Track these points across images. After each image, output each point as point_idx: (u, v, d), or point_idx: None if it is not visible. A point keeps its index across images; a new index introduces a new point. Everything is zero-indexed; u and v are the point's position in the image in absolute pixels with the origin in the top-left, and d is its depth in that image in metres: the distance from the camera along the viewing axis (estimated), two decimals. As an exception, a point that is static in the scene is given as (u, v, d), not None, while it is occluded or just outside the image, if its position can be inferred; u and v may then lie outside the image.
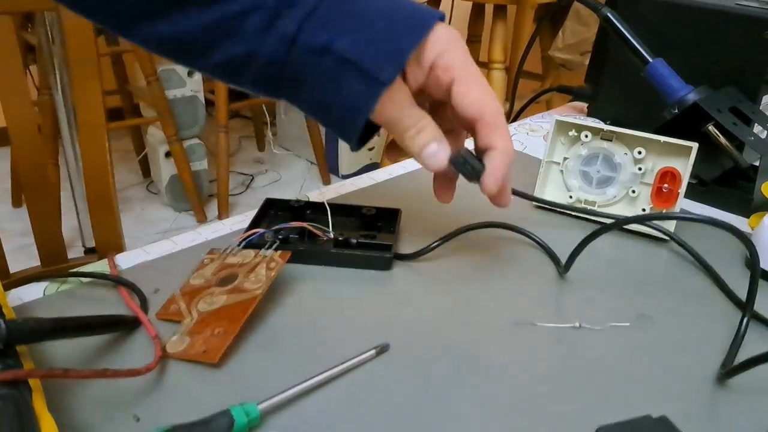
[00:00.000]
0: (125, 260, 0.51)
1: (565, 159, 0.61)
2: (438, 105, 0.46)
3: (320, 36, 0.38)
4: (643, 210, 0.58)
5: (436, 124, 0.43)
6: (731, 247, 0.55)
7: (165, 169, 2.19)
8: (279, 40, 0.39)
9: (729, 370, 0.40)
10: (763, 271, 0.52)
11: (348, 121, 0.41)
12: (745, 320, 0.45)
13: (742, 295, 0.47)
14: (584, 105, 0.87)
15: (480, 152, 0.44)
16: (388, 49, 0.39)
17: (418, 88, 0.43)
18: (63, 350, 0.41)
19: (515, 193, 0.58)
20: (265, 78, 0.41)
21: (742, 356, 0.40)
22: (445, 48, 0.41)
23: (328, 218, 0.54)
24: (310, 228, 0.52)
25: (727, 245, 0.55)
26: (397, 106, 0.41)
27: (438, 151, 0.42)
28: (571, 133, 0.60)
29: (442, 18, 0.41)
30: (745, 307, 0.45)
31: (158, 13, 0.39)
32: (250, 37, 0.39)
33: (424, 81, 0.42)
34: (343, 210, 0.56)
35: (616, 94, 0.81)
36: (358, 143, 0.43)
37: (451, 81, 0.41)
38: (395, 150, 0.47)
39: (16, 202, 2.28)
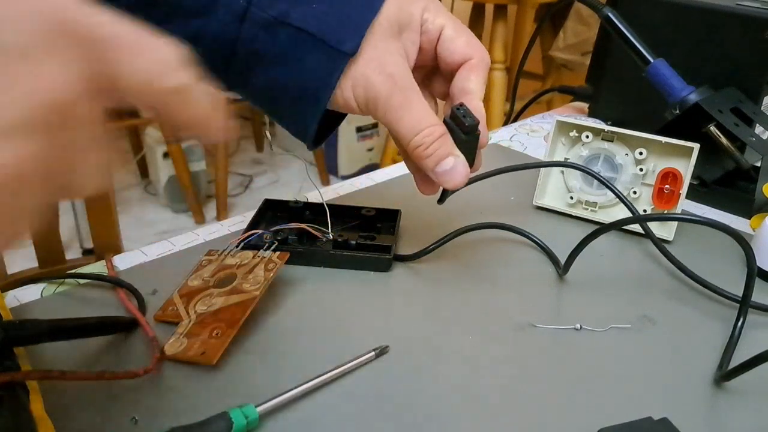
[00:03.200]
0: (123, 261, 0.51)
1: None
2: (427, 72, 0.44)
3: (273, 8, 0.36)
4: (644, 211, 0.58)
5: (448, 135, 0.40)
6: (734, 248, 0.55)
7: (163, 170, 2.19)
8: (228, 14, 0.36)
9: (725, 373, 0.40)
10: (765, 271, 0.51)
11: (308, 102, 0.38)
12: (740, 322, 0.44)
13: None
14: (585, 105, 0.87)
15: (454, 98, 0.42)
16: (347, 19, 0.37)
17: (416, 54, 0.40)
18: (60, 352, 0.41)
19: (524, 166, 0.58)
20: (214, 57, 0.38)
21: (742, 356, 0.40)
22: (427, 3, 0.40)
23: (327, 219, 0.53)
24: (309, 229, 0.52)
25: (729, 246, 0.55)
26: (397, 102, 0.38)
27: (456, 164, 0.39)
28: (572, 134, 0.60)
29: None
30: (740, 308, 0.45)
31: None
32: (195, 14, 0.36)
33: (420, 44, 0.40)
34: (342, 211, 0.56)
35: (617, 95, 0.81)
36: (315, 141, 0.40)
37: (441, 27, 0.40)
38: None
39: (15, 203, 2.28)
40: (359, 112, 0.39)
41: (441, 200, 0.46)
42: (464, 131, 0.40)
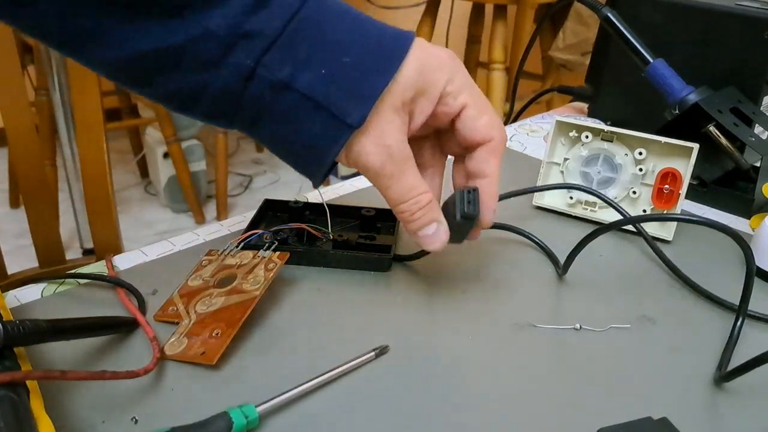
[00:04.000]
0: (123, 261, 0.51)
1: (565, 160, 0.60)
2: (437, 132, 0.44)
3: (281, 71, 0.35)
4: (644, 211, 0.58)
5: (435, 201, 0.41)
6: (733, 248, 0.55)
7: (163, 170, 2.19)
8: (234, 74, 0.36)
9: (724, 374, 0.40)
10: (765, 272, 0.51)
11: (311, 161, 0.39)
12: (738, 322, 0.44)
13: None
14: (585, 105, 0.87)
15: (470, 174, 0.43)
16: (356, 88, 0.36)
17: (424, 121, 0.40)
18: (61, 352, 0.41)
19: (516, 193, 0.58)
20: (218, 111, 0.38)
21: (741, 358, 0.40)
22: (453, 73, 0.39)
23: (327, 219, 0.53)
24: (309, 229, 0.52)
25: (729, 246, 0.55)
26: (388, 172, 0.38)
27: (438, 230, 0.41)
28: (571, 134, 0.60)
29: (413, 38, 0.39)
30: (739, 308, 0.45)
31: (100, 36, 0.35)
32: (199, 69, 0.36)
33: (431, 112, 0.40)
34: (342, 211, 0.56)
35: (617, 95, 0.81)
36: (321, 180, 0.41)
37: (462, 106, 0.40)
38: None
39: (14, 203, 2.28)
40: (353, 168, 0.40)
41: (457, 242, 0.45)
42: (462, 215, 0.41)
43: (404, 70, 0.37)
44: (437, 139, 0.45)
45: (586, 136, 0.59)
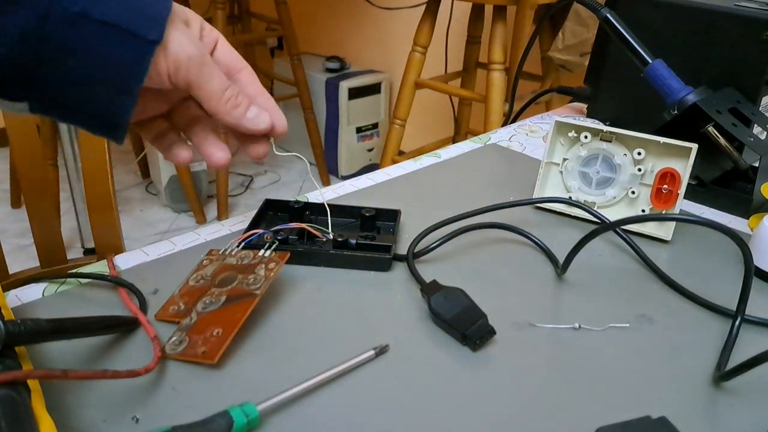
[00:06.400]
0: (124, 261, 0.51)
1: (564, 160, 0.61)
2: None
3: (75, 4, 0.37)
4: (643, 211, 0.58)
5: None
6: (732, 248, 0.55)
7: (164, 170, 2.19)
8: (31, 13, 0.37)
9: (723, 373, 0.40)
10: (764, 272, 0.52)
11: (121, 90, 0.40)
12: (737, 322, 0.45)
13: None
14: (584, 106, 0.87)
15: (251, 99, 0.47)
16: (148, 7, 0.39)
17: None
18: (62, 351, 0.41)
19: (518, 203, 0.58)
20: (16, 58, 0.38)
21: (739, 357, 0.40)
22: (200, 18, 0.45)
23: (327, 219, 0.53)
24: (310, 229, 0.52)
25: (727, 246, 0.55)
26: (208, 60, 0.42)
27: (259, 110, 0.46)
28: (570, 134, 0.60)
29: None
30: (738, 308, 0.45)
31: None
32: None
33: (198, 38, 0.44)
34: (342, 211, 0.56)
35: (616, 95, 0.81)
36: (127, 124, 0.42)
37: (216, 38, 0.46)
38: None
39: (16, 203, 2.28)
40: (166, 84, 0.42)
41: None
42: None
43: (173, 5, 0.42)
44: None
45: (585, 137, 0.59)
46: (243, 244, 0.50)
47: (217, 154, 0.47)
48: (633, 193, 0.58)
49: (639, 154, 0.57)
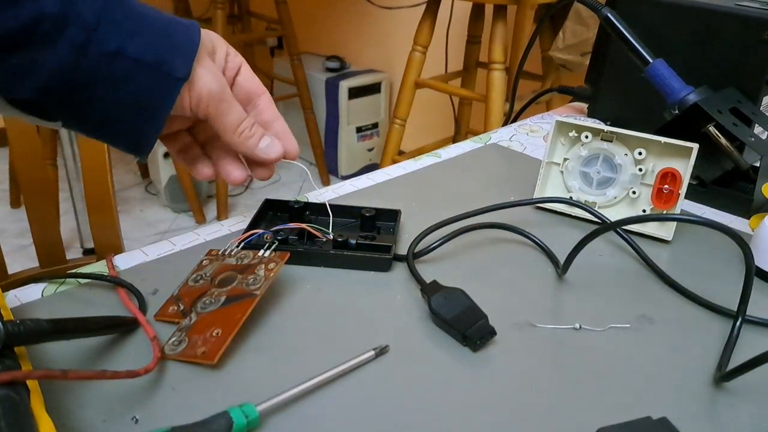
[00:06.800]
0: (124, 261, 0.51)
1: (565, 160, 0.61)
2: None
3: (111, 43, 0.40)
4: (644, 211, 0.58)
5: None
6: (732, 248, 0.55)
7: (164, 170, 2.19)
8: (69, 49, 0.39)
9: (724, 374, 0.40)
10: (765, 272, 0.52)
11: (147, 119, 0.43)
12: (738, 323, 0.45)
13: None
14: (584, 105, 0.87)
15: (263, 124, 0.50)
16: (176, 47, 0.42)
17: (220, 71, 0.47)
18: (61, 351, 0.41)
19: (518, 203, 0.58)
20: (53, 87, 0.40)
21: (740, 357, 0.40)
22: (225, 43, 0.48)
23: (327, 219, 0.53)
24: (310, 229, 0.52)
25: (729, 246, 0.55)
26: (227, 96, 0.45)
27: (272, 140, 0.49)
28: (571, 134, 0.60)
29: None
30: (738, 308, 0.45)
31: None
32: (38, 46, 0.39)
33: (223, 66, 0.48)
34: (342, 211, 0.56)
35: (617, 95, 0.81)
36: (151, 144, 0.45)
37: (240, 63, 0.49)
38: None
39: (15, 203, 2.28)
40: (187, 114, 0.45)
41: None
42: None
43: (202, 36, 0.45)
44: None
45: (586, 136, 0.59)
46: (243, 244, 0.50)
47: (235, 173, 0.50)
48: (634, 193, 0.58)
49: (640, 154, 0.57)
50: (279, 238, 0.51)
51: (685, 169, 0.55)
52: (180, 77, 0.42)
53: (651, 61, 0.65)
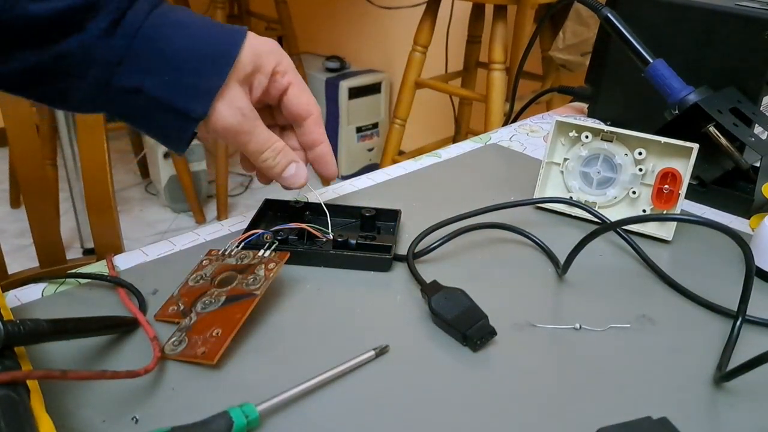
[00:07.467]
0: (124, 261, 0.51)
1: (565, 160, 0.61)
2: (270, 107, 0.52)
3: (131, 80, 0.43)
4: (644, 211, 0.58)
5: (287, 145, 0.50)
6: (733, 248, 0.55)
7: (164, 170, 2.19)
8: (93, 83, 0.43)
9: (724, 374, 0.40)
10: (765, 272, 0.52)
11: (168, 142, 0.47)
12: (738, 323, 0.45)
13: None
14: (584, 106, 0.87)
15: (306, 145, 0.52)
16: (197, 88, 0.44)
17: (262, 93, 0.48)
18: (61, 351, 0.41)
19: (518, 203, 0.58)
20: (83, 106, 0.45)
21: (740, 357, 0.40)
22: (281, 57, 0.48)
23: (327, 219, 0.53)
24: (309, 229, 0.52)
25: (729, 246, 0.55)
26: (246, 128, 0.46)
27: (297, 169, 0.50)
28: (571, 134, 0.60)
29: (245, 32, 0.46)
30: (738, 308, 0.45)
31: None
32: (66, 79, 0.43)
33: (267, 86, 0.48)
34: (342, 211, 0.56)
35: (617, 95, 0.81)
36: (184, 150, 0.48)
37: (288, 84, 0.49)
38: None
39: (15, 203, 2.28)
40: (212, 138, 0.48)
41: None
42: None
43: (242, 55, 0.45)
44: (270, 112, 0.53)
45: (586, 136, 0.59)
46: (243, 244, 0.50)
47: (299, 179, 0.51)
48: (634, 193, 0.58)
49: (640, 154, 0.57)
50: (279, 238, 0.51)
51: (685, 169, 0.55)
52: (195, 117, 0.44)
53: (651, 61, 0.65)
